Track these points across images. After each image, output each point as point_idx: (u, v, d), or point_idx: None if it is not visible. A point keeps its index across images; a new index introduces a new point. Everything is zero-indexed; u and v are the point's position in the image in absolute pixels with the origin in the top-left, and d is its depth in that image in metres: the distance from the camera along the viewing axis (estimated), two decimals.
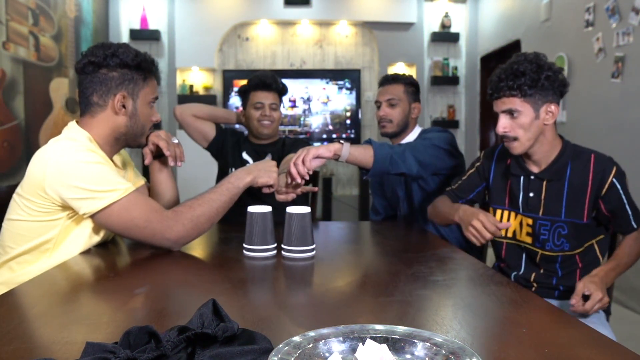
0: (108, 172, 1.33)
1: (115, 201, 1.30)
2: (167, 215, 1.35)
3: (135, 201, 1.33)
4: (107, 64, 1.42)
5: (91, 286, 1.15)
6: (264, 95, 2.29)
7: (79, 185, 1.29)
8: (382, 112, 2.21)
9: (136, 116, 1.46)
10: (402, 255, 1.40)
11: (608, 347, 0.75)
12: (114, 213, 1.31)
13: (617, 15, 3.21)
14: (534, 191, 1.63)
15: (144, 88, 1.47)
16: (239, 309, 0.91)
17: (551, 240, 1.61)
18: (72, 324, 0.84)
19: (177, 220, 1.35)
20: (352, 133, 5.58)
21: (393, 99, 2.20)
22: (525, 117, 1.53)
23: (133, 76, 1.44)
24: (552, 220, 1.60)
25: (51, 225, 1.34)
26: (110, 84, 1.42)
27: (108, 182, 1.31)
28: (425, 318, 0.89)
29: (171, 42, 5.42)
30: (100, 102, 1.43)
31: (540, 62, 1.53)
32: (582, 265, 1.61)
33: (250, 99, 2.31)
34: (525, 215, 1.66)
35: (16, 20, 3.39)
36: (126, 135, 1.47)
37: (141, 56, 1.46)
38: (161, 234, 1.34)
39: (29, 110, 3.57)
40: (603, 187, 1.54)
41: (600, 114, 3.41)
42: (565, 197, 1.59)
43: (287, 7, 5.44)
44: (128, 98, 1.44)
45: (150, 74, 1.48)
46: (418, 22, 5.61)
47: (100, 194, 1.30)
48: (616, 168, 1.56)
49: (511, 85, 1.52)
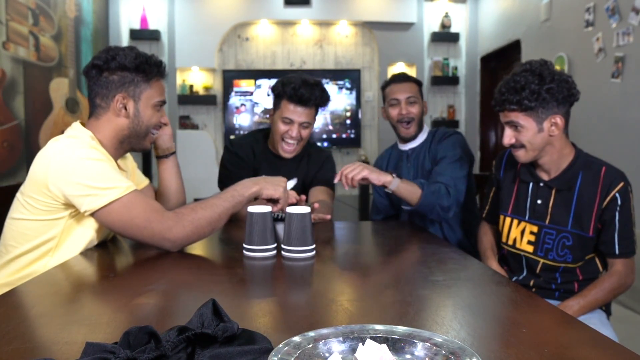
0: (109, 169, 1.33)
1: (116, 199, 1.30)
2: (168, 216, 1.34)
3: (136, 200, 1.33)
4: (109, 67, 1.42)
5: (91, 286, 1.15)
6: (298, 111, 1.92)
7: (81, 181, 1.29)
8: (405, 110, 2.14)
9: (138, 118, 1.46)
10: (402, 255, 1.40)
11: (608, 347, 0.75)
12: (114, 211, 1.31)
13: (617, 15, 3.21)
14: (542, 198, 1.61)
15: (146, 90, 1.46)
16: (239, 309, 0.91)
17: (555, 250, 1.58)
18: (72, 324, 0.83)
19: (178, 222, 1.33)
20: (352, 133, 5.58)
21: (412, 97, 2.14)
22: (528, 131, 1.52)
23: (134, 78, 1.43)
24: (558, 230, 1.57)
25: (53, 224, 1.34)
26: (110, 87, 1.43)
27: (109, 180, 1.31)
28: (425, 318, 0.89)
29: (171, 42, 5.42)
30: (102, 104, 1.44)
31: (543, 73, 1.49)
32: (582, 278, 1.59)
33: (280, 107, 1.95)
34: (530, 223, 1.63)
35: (16, 20, 3.39)
36: (130, 137, 1.47)
37: (142, 58, 1.45)
38: (161, 235, 1.33)
39: (29, 110, 3.57)
40: (606, 199, 1.51)
41: (600, 114, 3.41)
42: (573, 208, 1.56)
43: (287, 7, 5.44)
44: (129, 99, 1.44)
45: (154, 76, 1.47)
46: (418, 22, 5.61)
47: (101, 191, 1.29)
48: (623, 184, 1.51)
49: (511, 99, 1.50)
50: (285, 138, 1.96)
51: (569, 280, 1.59)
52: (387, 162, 2.32)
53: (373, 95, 5.75)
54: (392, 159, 2.31)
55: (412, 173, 2.20)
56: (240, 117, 5.49)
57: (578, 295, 1.54)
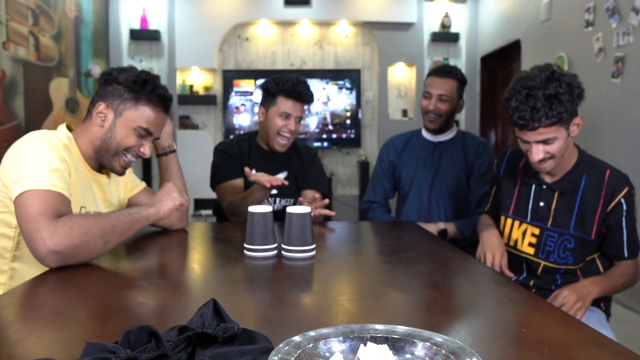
0: (43, 162, 1.24)
1: (29, 190, 1.19)
2: (60, 218, 1.18)
3: (45, 196, 1.19)
4: (110, 79, 1.43)
5: (91, 286, 1.15)
6: (295, 106, 2.04)
7: (16, 168, 1.24)
8: (433, 106, 2.15)
9: (112, 132, 1.42)
10: (402, 255, 1.40)
11: (608, 347, 0.75)
12: (22, 200, 1.19)
13: (617, 15, 3.21)
14: (544, 201, 1.58)
15: (131, 110, 1.42)
16: (239, 309, 0.91)
17: (556, 252, 1.57)
18: (72, 324, 0.84)
19: (66, 223, 1.17)
20: (352, 133, 5.58)
21: (445, 95, 2.14)
22: (560, 141, 1.44)
23: (122, 93, 1.42)
24: (560, 232, 1.56)
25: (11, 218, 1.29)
26: (101, 95, 1.43)
27: (34, 169, 1.22)
28: (425, 318, 0.89)
29: (171, 42, 5.42)
30: (90, 109, 1.45)
31: (561, 78, 1.40)
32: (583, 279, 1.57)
33: (277, 104, 2.04)
34: (532, 225, 1.61)
35: (16, 20, 3.39)
36: (100, 150, 1.43)
37: (139, 79, 1.42)
38: (41, 238, 1.14)
39: (29, 110, 3.57)
40: (611, 203, 1.49)
41: (600, 114, 3.41)
42: (576, 210, 1.53)
43: (287, 7, 5.44)
44: (109, 110, 1.42)
45: (144, 98, 1.43)
46: (418, 22, 5.61)
47: (23, 179, 1.21)
48: (628, 188, 1.49)
49: (549, 114, 1.38)
50: (282, 132, 2.05)
51: (570, 281, 1.58)
52: (405, 146, 2.29)
53: (373, 95, 5.74)
54: (416, 145, 2.27)
55: (436, 165, 2.21)
56: (240, 117, 5.49)
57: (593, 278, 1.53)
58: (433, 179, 2.20)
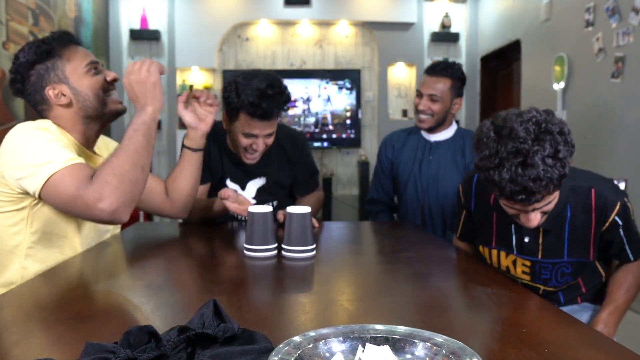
0: (50, 144, 1.25)
1: (54, 173, 1.21)
2: (93, 182, 1.21)
3: (72, 171, 1.22)
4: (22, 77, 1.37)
5: (91, 286, 1.15)
6: (262, 125, 1.71)
7: (22, 163, 1.24)
8: (422, 105, 2.13)
9: (80, 94, 1.38)
10: (402, 255, 1.40)
11: (608, 347, 0.75)
12: (52, 186, 1.21)
13: (617, 15, 3.21)
14: (529, 236, 1.42)
15: (66, 65, 1.37)
16: (239, 309, 0.91)
17: (554, 279, 1.46)
18: (72, 324, 0.83)
19: (100, 181, 1.20)
20: (352, 133, 5.58)
21: (436, 95, 2.11)
22: (555, 199, 1.28)
23: (46, 65, 1.36)
24: (554, 263, 1.43)
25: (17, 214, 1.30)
26: (36, 88, 1.37)
27: (47, 154, 1.23)
28: (425, 318, 0.89)
29: (171, 42, 5.42)
30: (44, 107, 1.39)
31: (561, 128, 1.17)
32: (585, 290, 1.53)
33: (240, 120, 1.72)
34: (521, 257, 1.46)
35: (16, 20, 3.39)
36: (89, 116, 1.40)
37: (39, 42, 1.36)
38: (93, 204, 1.19)
39: (29, 110, 3.57)
40: (605, 224, 1.38)
41: (600, 114, 3.41)
42: (567, 239, 1.40)
43: (287, 7, 5.44)
44: (59, 85, 1.37)
45: (63, 48, 1.38)
46: (418, 22, 5.60)
47: (40, 168, 1.22)
48: (619, 205, 1.36)
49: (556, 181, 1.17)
50: (247, 152, 1.79)
51: (573, 298, 1.53)
52: (404, 143, 2.27)
53: (373, 95, 5.74)
54: (413, 144, 2.25)
55: (432, 165, 2.18)
56: None
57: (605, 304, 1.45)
58: (429, 180, 2.17)
